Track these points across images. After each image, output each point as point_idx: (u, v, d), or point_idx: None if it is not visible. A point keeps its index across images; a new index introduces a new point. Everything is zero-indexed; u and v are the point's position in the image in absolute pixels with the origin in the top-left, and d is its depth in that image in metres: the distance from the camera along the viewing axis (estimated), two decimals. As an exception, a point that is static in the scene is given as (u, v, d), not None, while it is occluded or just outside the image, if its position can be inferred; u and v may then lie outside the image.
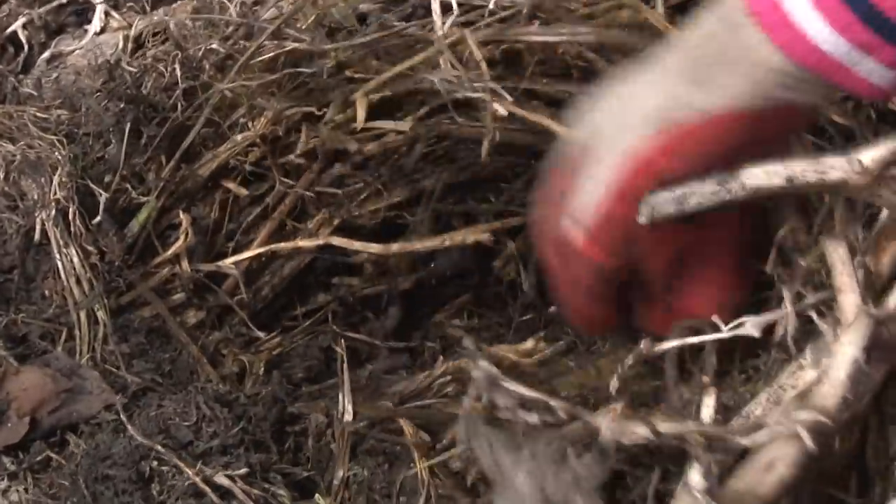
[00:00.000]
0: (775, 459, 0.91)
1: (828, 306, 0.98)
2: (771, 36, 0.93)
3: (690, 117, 0.94)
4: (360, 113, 1.19)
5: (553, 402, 0.95)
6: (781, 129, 0.99)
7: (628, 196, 0.94)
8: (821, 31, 0.91)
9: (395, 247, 1.22)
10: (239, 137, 1.20)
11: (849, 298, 0.97)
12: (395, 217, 1.25)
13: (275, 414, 1.06)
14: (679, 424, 0.93)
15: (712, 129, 0.94)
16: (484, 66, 1.17)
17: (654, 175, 0.94)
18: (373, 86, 1.20)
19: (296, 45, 1.23)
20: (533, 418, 0.95)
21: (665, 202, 0.93)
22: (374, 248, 1.21)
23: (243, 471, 1.00)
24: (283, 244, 1.19)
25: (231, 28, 1.27)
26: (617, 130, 0.97)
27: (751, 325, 0.98)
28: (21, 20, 1.35)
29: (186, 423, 1.02)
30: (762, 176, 0.93)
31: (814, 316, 0.97)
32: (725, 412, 0.97)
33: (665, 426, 0.92)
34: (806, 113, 1.01)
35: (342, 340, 1.18)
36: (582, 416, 0.96)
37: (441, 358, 1.14)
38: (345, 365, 1.09)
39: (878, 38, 0.91)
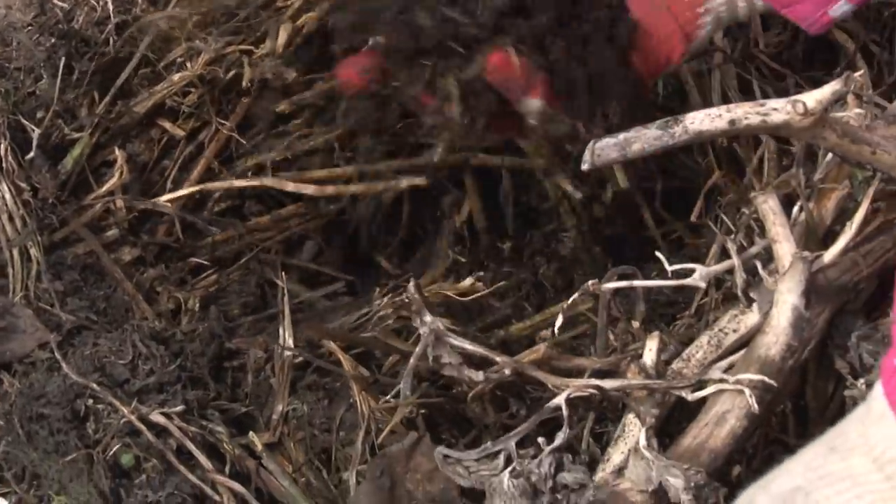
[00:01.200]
0: (725, 413, 0.93)
1: (769, 255, 1.00)
2: None
3: None
4: (281, 40, 1.20)
5: (498, 359, 0.97)
6: None
7: None
8: None
9: (329, 189, 1.22)
10: (176, 77, 1.19)
11: (783, 247, 0.98)
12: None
13: (212, 350, 1.07)
14: (623, 380, 0.95)
15: None
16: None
17: None
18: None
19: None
20: (478, 375, 0.96)
21: (608, 147, 0.94)
22: (309, 189, 1.22)
23: (180, 408, 1.01)
24: (217, 183, 1.20)
25: None
26: None
27: (699, 276, 1.00)
28: None
29: (122, 362, 1.03)
30: (705, 119, 0.93)
31: (758, 265, 0.99)
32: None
33: (610, 382, 0.94)
34: None
35: (282, 272, 1.18)
36: (525, 369, 0.98)
37: (378, 290, 1.16)
38: (285, 296, 1.11)
39: None
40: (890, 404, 0.74)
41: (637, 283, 1.01)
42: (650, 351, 0.97)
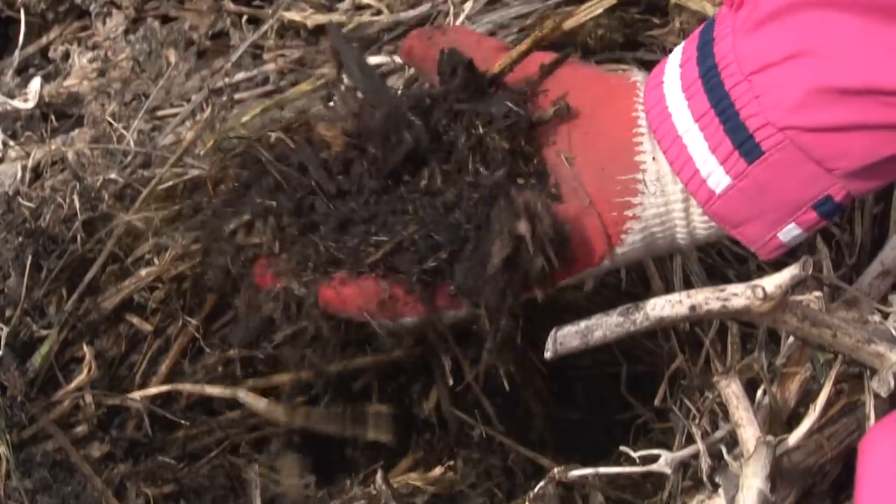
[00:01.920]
0: None
1: (734, 439, 1.01)
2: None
3: None
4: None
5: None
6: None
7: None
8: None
9: (301, 412, 1.24)
10: (143, 273, 1.21)
11: (747, 431, 1.00)
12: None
13: None
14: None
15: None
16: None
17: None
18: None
19: (195, 171, 1.25)
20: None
21: (570, 335, 0.96)
22: (280, 411, 1.23)
23: None
24: (187, 386, 1.21)
25: (129, 157, 1.28)
26: None
27: (664, 462, 1.02)
28: None
29: None
30: (666, 305, 0.96)
31: (723, 449, 1.01)
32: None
33: None
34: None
35: (256, 465, 1.19)
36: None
37: (348, 482, 1.17)
38: (257, 490, 1.12)
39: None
40: None
41: (602, 469, 1.03)
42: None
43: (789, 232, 0.95)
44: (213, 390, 1.22)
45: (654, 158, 0.97)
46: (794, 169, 0.91)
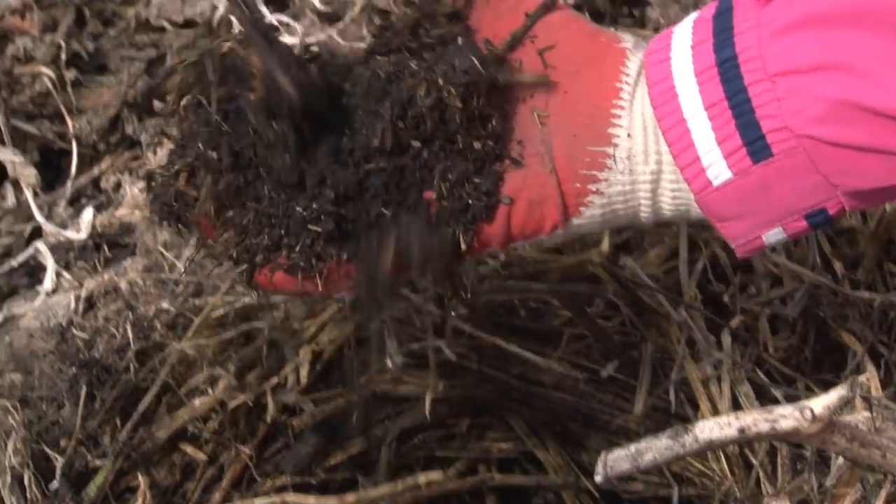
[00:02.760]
0: None
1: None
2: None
3: None
4: (303, 373, 1.25)
5: None
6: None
7: None
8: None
9: (350, 498, 1.25)
10: (197, 403, 1.23)
11: None
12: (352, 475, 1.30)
13: None
14: None
15: None
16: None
17: None
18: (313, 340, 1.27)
19: (246, 299, 1.28)
20: None
21: (621, 459, 0.98)
22: (331, 501, 1.24)
23: None
24: (239, 503, 1.22)
25: (181, 286, 1.31)
26: None
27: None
28: None
29: None
30: (715, 428, 0.97)
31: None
32: None
33: None
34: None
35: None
36: None
37: None
38: None
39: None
40: None
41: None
42: None
43: (774, 235, 0.96)
44: (262, 501, 1.23)
45: (628, 135, 0.96)
46: (798, 176, 0.91)
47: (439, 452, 1.36)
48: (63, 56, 1.59)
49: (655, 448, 0.97)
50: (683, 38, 0.96)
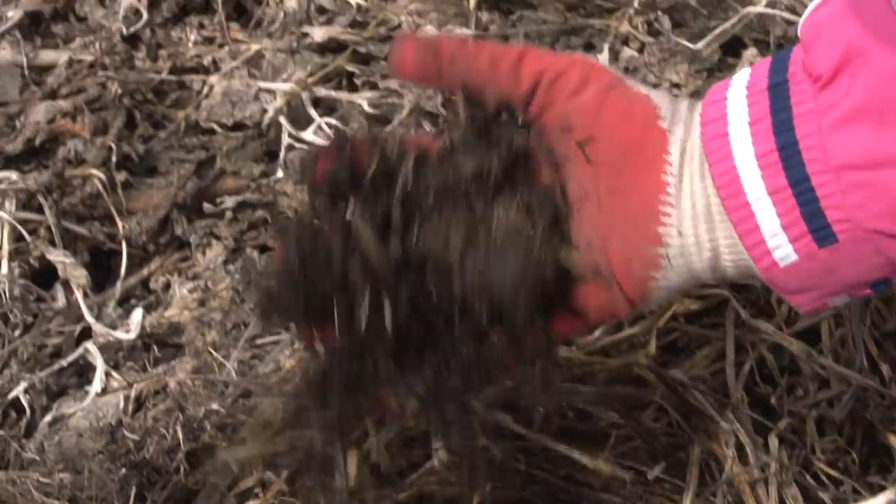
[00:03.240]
0: None
1: None
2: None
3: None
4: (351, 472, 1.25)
5: None
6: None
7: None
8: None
9: None
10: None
11: None
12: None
13: None
14: None
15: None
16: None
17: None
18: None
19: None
20: None
21: None
22: None
23: None
24: None
25: (230, 387, 1.33)
26: None
27: None
28: (23, 385, 1.39)
29: None
30: None
31: None
32: None
33: None
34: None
35: None
36: None
37: None
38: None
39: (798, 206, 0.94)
40: None
41: None
42: None
43: (839, 300, 0.97)
44: None
45: (679, 233, 0.97)
46: (864, 258, 0.92)
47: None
48: (114, 158, 1.61)
49: None
50: (740, 112, 0.95)
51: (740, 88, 0.97)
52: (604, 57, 1.56)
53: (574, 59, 1.04)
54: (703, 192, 0.97)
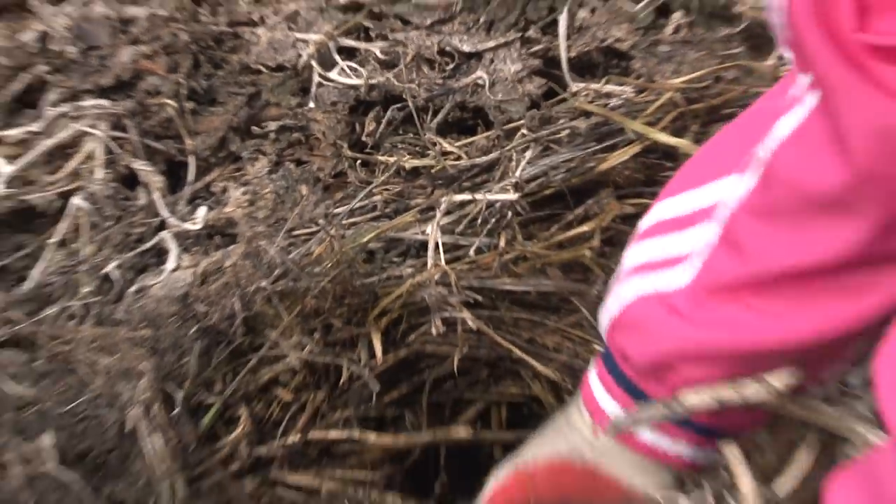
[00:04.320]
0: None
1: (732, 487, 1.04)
2: (588, 410, 1.02)
3: (536, 462, 1.04)
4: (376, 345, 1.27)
5: None
6: (610, 491, 1.04)
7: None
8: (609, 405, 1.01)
9: (401, 439, 1.28)
10: (288, 359, 1.25)
11: (744, 483, 1.03)
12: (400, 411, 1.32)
13: None
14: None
15: (546, 472, 1.03)
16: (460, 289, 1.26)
17: (506, 493, 1.04)
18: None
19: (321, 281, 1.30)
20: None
21: (625, 422, 1.00)
22: (386, 438, 1.28)
23: None
24: (316, 433, 1.25)
25: (274, 269, 1.32)
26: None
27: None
28: (113, 263, 1.40)
29: None
30: (698, 397, 0.99)
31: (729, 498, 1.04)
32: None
33: None
34: (622, 489, 1.05)
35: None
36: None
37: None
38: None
39: (675, 427, 0.99)
40: None
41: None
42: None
43: None
44: (335, 434, 1.27)
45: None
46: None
47: (466, 395, 1.38)
48: (183, 91, 1.61)
49: (652, 413, 1.00)
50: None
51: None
52: (563, 17, 1.54)
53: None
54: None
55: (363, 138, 1.53)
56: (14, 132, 1.56)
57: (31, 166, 1.52)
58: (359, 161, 1.51)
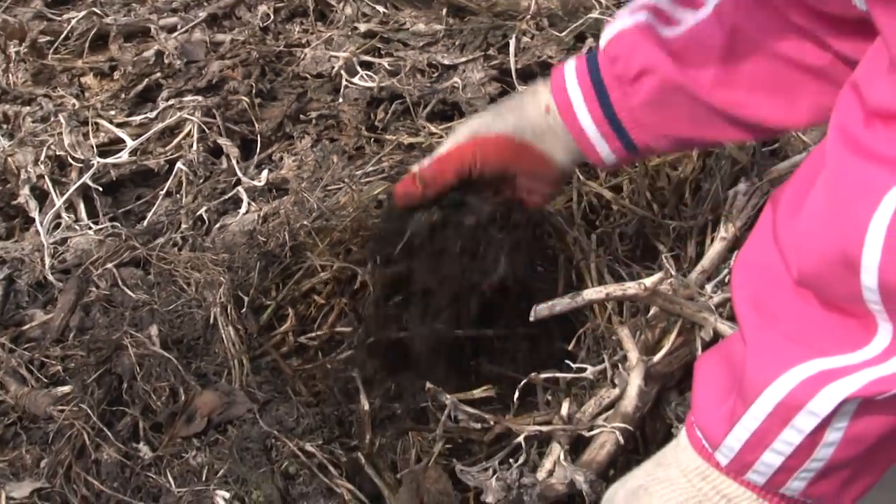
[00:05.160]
0: (605, 442, 0.91)
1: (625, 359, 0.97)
2: (551, 83, 0.89)
3: (487, 133, 0.89)
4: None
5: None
6: (539, 163, 0.91)
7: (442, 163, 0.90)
8: (574, 90, 0.87)
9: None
10: (322, 275, 1.16)
11: (632, 355, 0.96)
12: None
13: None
14: (552, 426, 0.92)
15: (493, 144, 0.89)
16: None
17: (458, 160, 0.89)
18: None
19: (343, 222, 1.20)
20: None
21: (544, 310, 0.91)
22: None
23: (319, 441, 0.96)
24: (344, 328, 1.15)
25: (313, 213, 1.23)
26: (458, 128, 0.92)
27: (590, 372, 0.97)
28: (204, 208, 1.32)
29: (291, 417, 0.99)
30: (592, 292, 0.92)
31: (619, 365, 0.97)
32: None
33: (546, 427, 0.91)
34: (556, 165, 0.92)
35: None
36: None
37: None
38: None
39: (597, 104, 0.85)
40: (689, 440, 0.71)
41: (559, 374, 0.99)
42: (565, 408, 0.94)
43: None
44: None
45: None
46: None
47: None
48: (253, 91, 1.52)
49: (563, 303, 0.92)
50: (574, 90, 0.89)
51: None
52: (512, 41, 1.47)
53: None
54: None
55: (376, 123, 1.45)
56: (137, 118, 1.49)
57: (148, 141, 1.44)
58: (372, 139, 1.43)
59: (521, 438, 0.91)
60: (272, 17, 1.72)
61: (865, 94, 0.56)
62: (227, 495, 0.92)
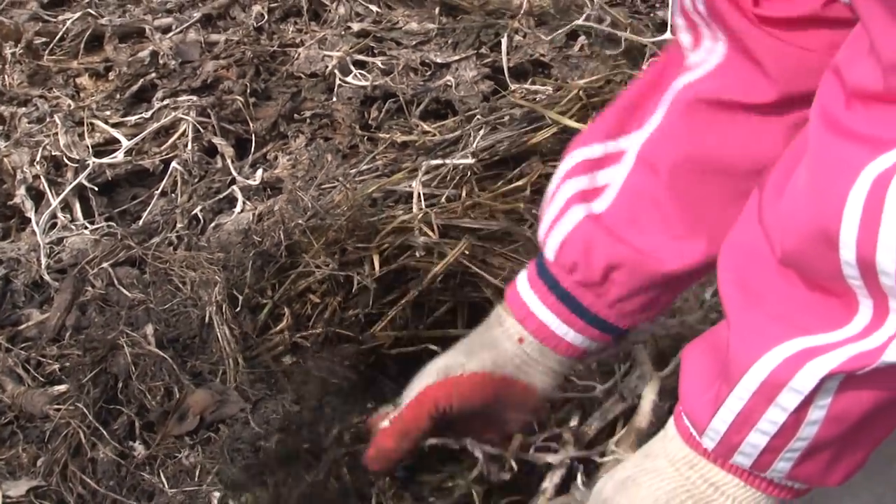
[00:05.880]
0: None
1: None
2: (514, 314, 0.82)
3: (462, 373, 0.82)
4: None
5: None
6: (521, 395, 0.84)
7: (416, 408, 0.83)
8: (543, 313, 0.81)
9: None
10: (317, 274, 1.14)
11: (646, 367, 0.89)
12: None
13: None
14: (565, 453, 0.86)
15: (469, 382, 0.82)
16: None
17: (432, 402, 0.82)
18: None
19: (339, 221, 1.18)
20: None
21: None
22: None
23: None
24: (339, 329, 1.13)
25: (307, 212, 1.21)
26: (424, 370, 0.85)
27: (598, 391, 0.92)
28: (199, 207, 1.30)
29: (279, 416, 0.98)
30: None
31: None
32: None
33: (558, 456, 0.86)
34: (538, 393, 0.85)
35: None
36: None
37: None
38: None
39: (574, 315, 0.80)
40: (677, 429, 0.70)
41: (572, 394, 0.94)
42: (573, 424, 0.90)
43: None
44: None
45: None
46: None
47: (438, 298, 1.26)
48: (247, 90, 1.50)
49: None
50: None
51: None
52: (504, 39, 1.47)
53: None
54: None
55: (369, 122, 1.44)
56: (133, 118, 1.47)
57: (143, 141, 1.42)
58: (366, 137, 1.41)
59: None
60: (266, 17, 1.69)
61: (846, 76, 0.56)
62: (220, 495, 0.91)
